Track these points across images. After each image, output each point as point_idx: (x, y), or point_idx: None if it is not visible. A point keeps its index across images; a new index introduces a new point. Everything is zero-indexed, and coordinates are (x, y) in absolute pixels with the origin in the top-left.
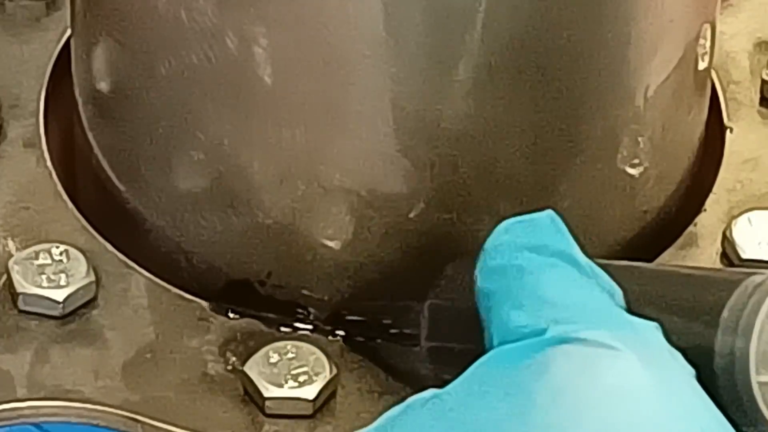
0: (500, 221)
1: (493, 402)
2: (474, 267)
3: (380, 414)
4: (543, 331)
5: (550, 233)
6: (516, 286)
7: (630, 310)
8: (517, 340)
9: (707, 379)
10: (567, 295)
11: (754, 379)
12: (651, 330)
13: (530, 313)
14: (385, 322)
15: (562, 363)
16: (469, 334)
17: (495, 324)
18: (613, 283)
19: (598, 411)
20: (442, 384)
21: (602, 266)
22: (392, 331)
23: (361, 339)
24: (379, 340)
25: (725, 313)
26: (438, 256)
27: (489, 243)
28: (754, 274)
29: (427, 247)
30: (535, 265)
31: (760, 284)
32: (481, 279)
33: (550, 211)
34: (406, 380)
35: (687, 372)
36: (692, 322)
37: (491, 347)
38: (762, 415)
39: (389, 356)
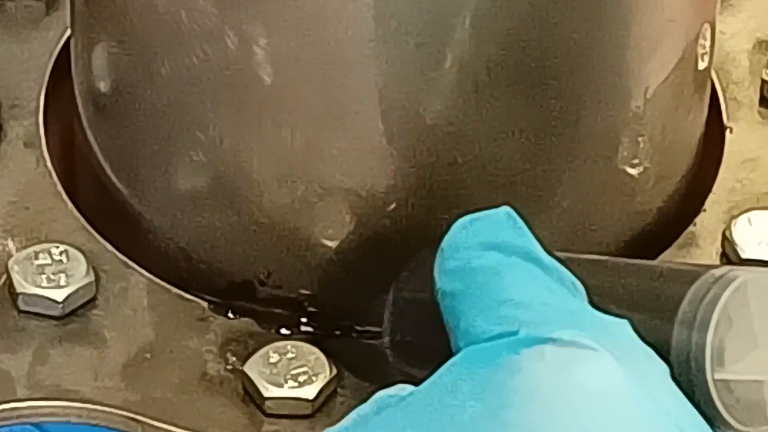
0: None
1: (467, 401)
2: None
3: None
4: (514, 333)
5: (509, 230)
6: (481, 288)
7: (594, 306)
8: (488, 341)
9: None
10: (534, 295)
11: (710, 376)
12: (622, 327)
13: (499, 317)
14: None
15: (537, 363)
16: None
17: (462, 327)
18: (576, 280)
19: (573, 410)
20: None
21: (562, 261)
22: None
23: (362, 338)
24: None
25: (683, 307)
26: None
27: (447, 242)
28: (715, 267)
29: (427, 248)
30: (499, 265)
31: (719, 278)
32: (442, 280)
33: (507, 207)
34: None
35: (662, 370)
36: (652, 316)
37: (458, 348)
38: (719, 414)
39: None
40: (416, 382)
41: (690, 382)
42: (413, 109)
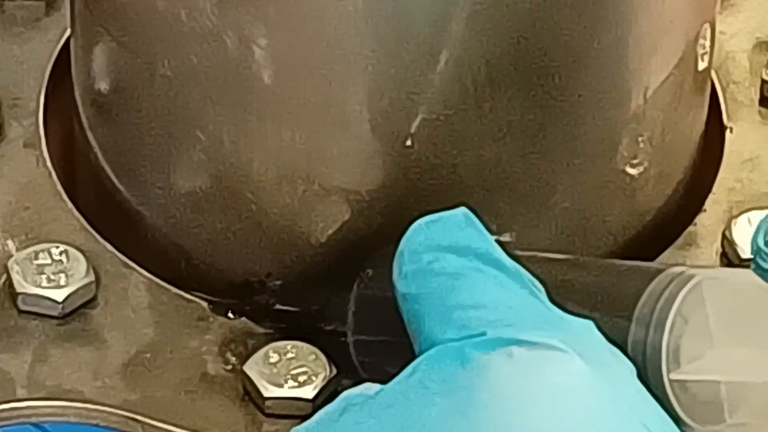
0: (500, 221)
1: (435, 399)
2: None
3: None
4: (480, 335)
5: (468, 232)
6: (441, 292)
7: (556, 305)
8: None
9: None
10: (496, 298)
11: (666, 376)
12: (588, 328)
13: (462, 320)
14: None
15: (505, 362)
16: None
17: (424, 330)
18: (536, 281)
19: (542, 408)
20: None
21: (522, 260)
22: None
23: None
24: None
25: (640, 306)
26: None
27: (404, 244)
28: (674, 266)
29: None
30: (458, 268)
31: (675, 277)
32: (401, 284)
33: (463, 209)
34: None
35: (628, 369)
36: (611, 314)
37: (421, 350)
38: (675, 413)
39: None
40: (383, 381)
41: (647, 380)
42: (413, 109)
